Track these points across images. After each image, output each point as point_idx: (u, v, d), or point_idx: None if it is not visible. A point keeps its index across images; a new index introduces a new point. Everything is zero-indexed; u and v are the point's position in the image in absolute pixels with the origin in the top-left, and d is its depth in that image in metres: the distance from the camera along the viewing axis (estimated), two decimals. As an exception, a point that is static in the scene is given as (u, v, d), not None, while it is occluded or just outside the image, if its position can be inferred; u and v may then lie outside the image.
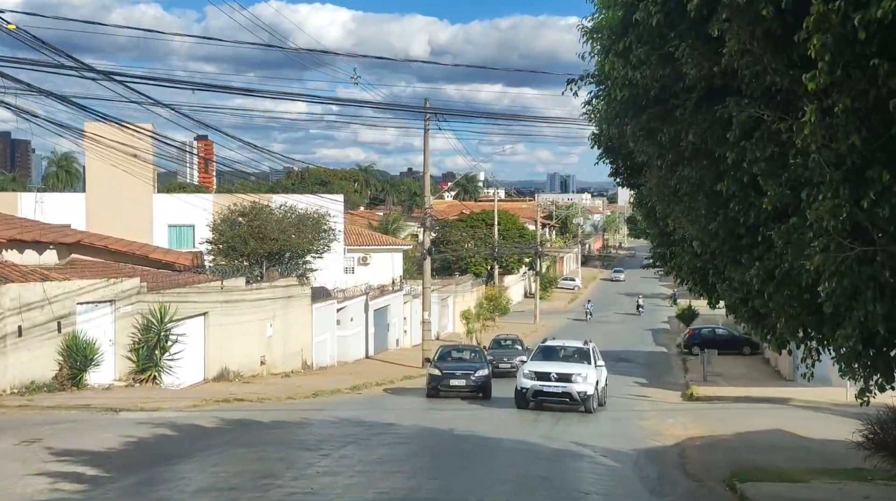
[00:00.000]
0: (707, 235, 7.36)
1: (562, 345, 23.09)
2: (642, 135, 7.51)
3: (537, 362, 21.78)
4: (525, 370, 21.27)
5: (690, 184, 7.26)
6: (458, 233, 71.91)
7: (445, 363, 25.10)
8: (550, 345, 23.39)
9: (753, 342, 46.39)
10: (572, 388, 20.17)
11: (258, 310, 28.84)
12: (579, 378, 20.42)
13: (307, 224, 32.28)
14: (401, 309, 46.04)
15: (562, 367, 20.93)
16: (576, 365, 21.15)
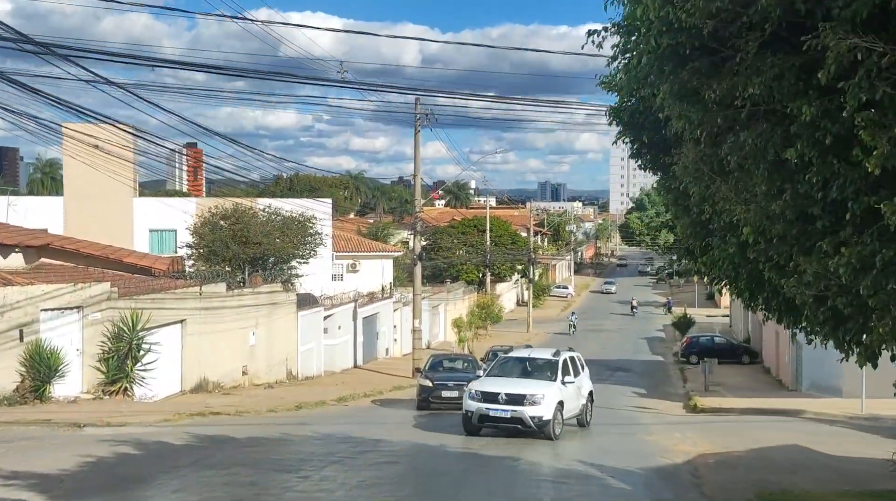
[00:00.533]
0: (767, 218, 6.01)
1: (525, 357, 19.03)
2: (683, 96, 6.19)
3: (489, 379, 18.14)
4: (472, 389, 17.42)
5: (746, 153, 5.90)
6: (450, 240, 70.60)
7: (437, 373, 23.75)
8: (511, 357, 19.54)
9: (752, 350, 45.29)
10: (524, 413, 16.48)
11: (240, 318, 27.43)
12: (534, 399, 16.62)
13: (292, 227, 30.88)
14: (390, 316, 44.68)
15: (514, 386, 17.17)
16: (532, 384, 17.29)
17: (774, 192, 5.84)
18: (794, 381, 33.89)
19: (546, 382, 17.38)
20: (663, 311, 76.13)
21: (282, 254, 30.66)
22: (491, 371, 19.07)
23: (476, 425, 17.11)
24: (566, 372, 18.02)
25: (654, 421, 21.31)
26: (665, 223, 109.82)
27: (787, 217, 5.84)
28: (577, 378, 18.52)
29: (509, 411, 16.64)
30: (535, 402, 16.61)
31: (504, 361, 19.39)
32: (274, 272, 30.74)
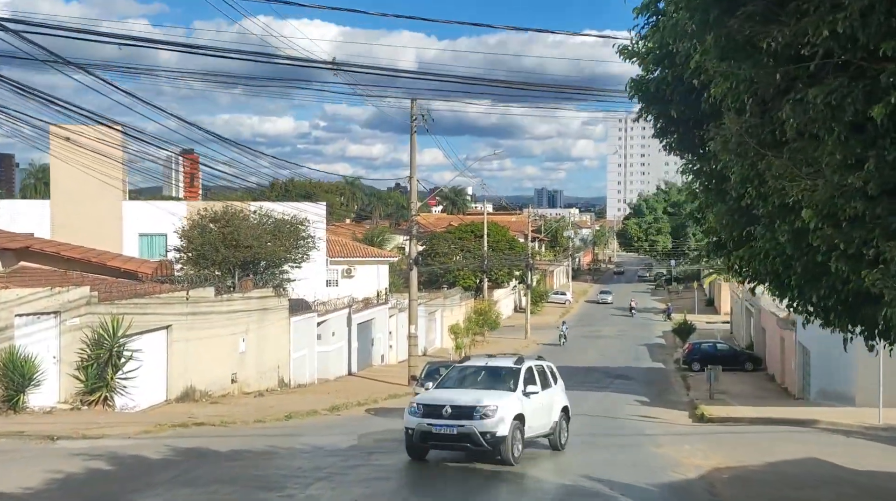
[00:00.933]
0: (839, 195, 4.98)
1: (481, 365, 16.30)
2: (729, 52, 5.21)
3: (437, 390, 15.50)
4: (413, 402, 14.78)
5: (813, 116, 4.90)
6: (447, 245, 69.67)
7: (433, 381, 22.74)
8: (465, 366, 16.58)
9: (755, 357, 44.36)
10: (473, 428, 13.47)
11: (229, 323, 26.44)
12: (486, 412, 13.61)
13: (284, 230, 29.90)
14: (386, 322, 43.68)
15: (463, 396, 14.46)
16: (486, 394, 14.42)
17: (851, 162, 4.85)
18: (800, 389, 32.95)
19: (503, 392, 14.54)
20: (663, 318, 75.23)
21: (273, 258, 29.68)
22: (441, 381, 16.11)
23: (418, 445, 14.16)
24: (530, 381, 15.24)
25: (660, 432, 20.34)
26: (661, 229, 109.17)
27: (869, 192, 4.84)
28: (545, 390, 15.72)
29: (455, 427, 13.60)
30: (487, 415, 13.60)
31: (457, 370, 16.38)
32: (265, 276, 29.75)
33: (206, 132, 20.92)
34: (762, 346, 45.10)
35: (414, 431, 14.02)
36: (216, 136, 22.77)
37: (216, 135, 20.86)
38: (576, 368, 45.65)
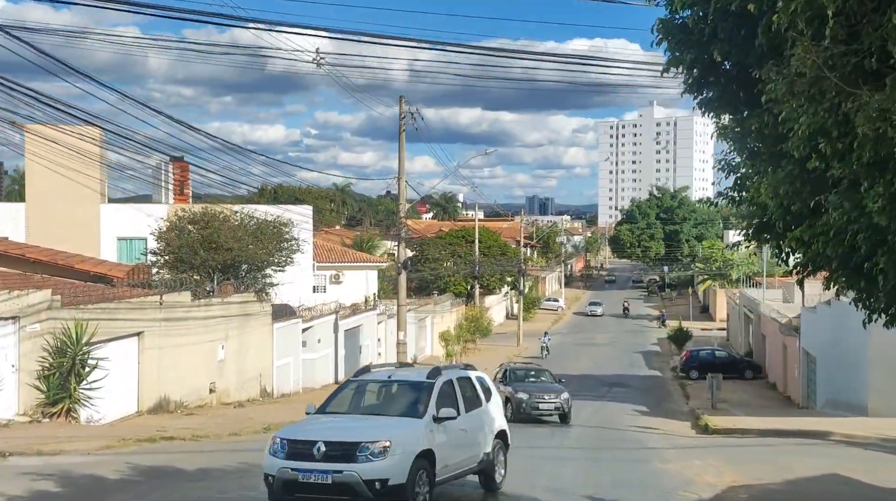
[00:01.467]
0: None
1: (383, 381, 11.95)
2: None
3: (312, 418, 11.37)
4: (276, 438, 10.56)
5: None
6: (437, 251, 68.33)
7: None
8: (363, 380, 12.13)
9: (755, 364, 43.20)
10: (355, 474, 9.77)
11: (207, 330, 25.03)
12: (376, 450, 9.90)
13: (267, 232, 28.52)
14: (374, 329, 42.31)
15: (346, 427, 10.65)
16: (378, 424, 10.68)
17: None
18: (805, 398, 31.77)
19: (404, 420, 10.63)
20: (657, 324, 74.05)
21: (255, 261, 28.28)
22: (325, 404, 11.71)
23: (280, 496, 10.12)
24: (447, 402, 11.05)
25: (665, 445, 19.03)
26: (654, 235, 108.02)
27: None
28: (472, 411, 11.64)
29: (330, 473, 9.72)
30: (376, 455, 9.78)
31: (349, 388, 12.04)
32: (247, 280, 28.35)
33: (190, 128, 19.70)
34: (762, 353, 43.93)
35: (275, 480, 10.00)
36: (204, 134, 21.42)
37: (205, 133, 19.66)
38: (570, 376, 44.20)
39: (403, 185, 33.38)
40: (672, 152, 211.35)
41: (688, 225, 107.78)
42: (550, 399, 24.40)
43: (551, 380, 26.33)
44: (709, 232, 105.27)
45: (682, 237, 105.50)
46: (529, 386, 25.22)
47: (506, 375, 26.10)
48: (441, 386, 11.23)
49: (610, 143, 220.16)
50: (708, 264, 79.98)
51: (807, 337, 31.62)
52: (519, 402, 24.18)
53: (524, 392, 24.55)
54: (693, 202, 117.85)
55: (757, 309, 44.63)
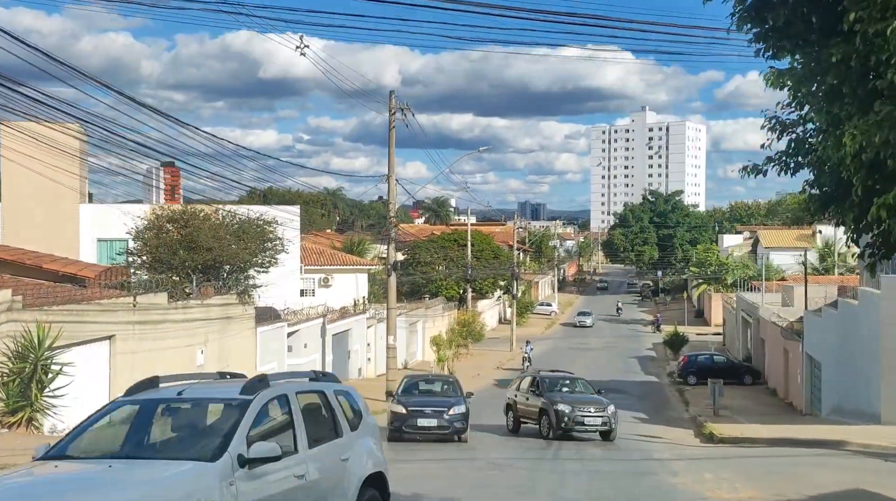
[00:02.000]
0: None
1: (170, 399, 7.46)
2: None
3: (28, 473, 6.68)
4: None
5: None
6: (429, 254, 67.14)
7: (412, 397, 20.20)
8: (141, 400, 7.37)
9: (754, 370, 42.12)
10: None
11: (186, 334, 23.72)
12: None
13: (250, 232, 27.24)
14: (364, 333, 41.04)
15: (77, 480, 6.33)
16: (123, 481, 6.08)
17: None
18: (808, 405, 30.65)
19: (182, 468, 6.30)
20: (651, 329, 73.05)
21: (237, 262, 27.00)
22: (64, 443, 7.26)
23: None
24: (271, 431, 7.12)
25: (671, 456, 17.83)
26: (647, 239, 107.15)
27: None
28: (320, 447, 7.48)
29: None
30: None
31: (117, 412, 7.55)
32: (229, 282, 27.07)
33: (179, 122, 18.53)
34: (761, 358, 42.85)
35: None
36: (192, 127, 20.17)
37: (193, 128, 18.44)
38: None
39: (394, 185, 32.19)
40: (664, 157, 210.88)
41: (681, 229, 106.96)
42: (597, 412, 20.62)
43: (590, 390, 22.72)
44: (702, 236, 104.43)
45: (675, 242, 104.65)
46: (568, 397, 21.47)
47: (537, 384, 22.22)
48: (262, 406, 7.02)
49: (602, 149, 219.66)
50: (703, 268, 79.04)
51: (810, 341, 30.52)
52: (560, 416, 20.43)
53: (565, 403, 20.74)
54: (686, 206, 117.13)
55: (756, 312, 43.55)
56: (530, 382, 22.81)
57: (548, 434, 20.39)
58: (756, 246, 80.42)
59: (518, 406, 22.68)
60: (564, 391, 22.12)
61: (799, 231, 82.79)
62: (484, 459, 15.89)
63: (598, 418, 20.53)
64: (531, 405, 21.70)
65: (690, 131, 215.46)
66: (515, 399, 22.99)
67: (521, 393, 22.73)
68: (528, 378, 23.62)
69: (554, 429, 20.34)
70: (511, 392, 23.65)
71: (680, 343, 55.60)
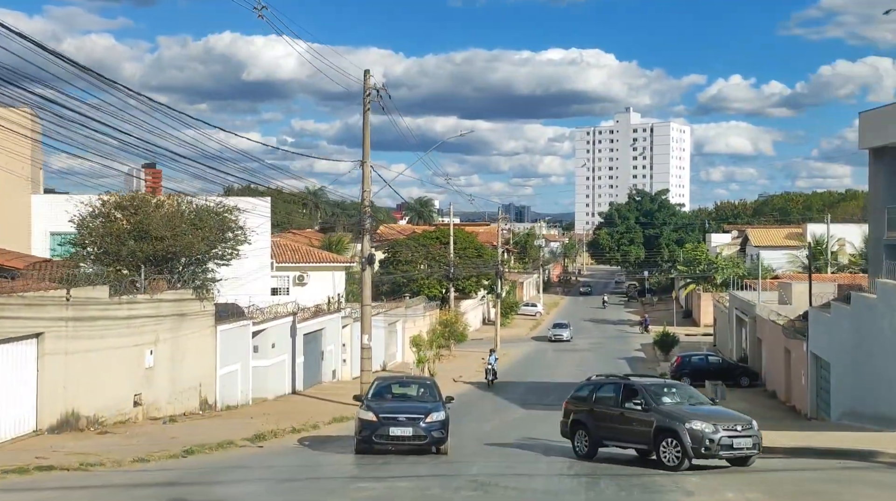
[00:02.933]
0: None
1: None
2: None
3: None
4: None
5: None
6: (410, 253, 64.77)
7: (384, 403, 17.70)
8: None
9: (751, 371, 40.01)
10: None
11: (131, 332, 21.22)
12: None
13: (208, 221, 24.70)
14: (339, 333, 38.55)
15: None
16: None
17: None
18: (814, 408, 28.48)
19: None
20: (639, 330, 70.99)
21: (193, 253, 24.47)
22: None
23: None
24: None
25: (682, 470, 15.50)
26: (633, 239, 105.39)
27: None
28: None
29: None
30: None
31: None
32: (185, 275, 24.54)
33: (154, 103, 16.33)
34: (758, 359, 40.77)
35: None
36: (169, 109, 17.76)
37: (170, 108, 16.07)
38: (553, 384, 40.89)
39: (368, 170, 29.78)
40: (649, 158, 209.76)
41: (668, 229, 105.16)
42: (744, 431, 15.08)
43: (704, 399, 17.18)
44: (689, 236, 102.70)
45: (662, 241, 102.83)
46: (700, 412, 15.53)
47: (631, 394, 16.24)
48: None
49: (587, 150, 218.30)
50: (691, 267, 77.12)
51: (816, 339, 28.37)
52: (698, 438, 14.55)
53: (701, 420, 14.84)
54: (673, 205, 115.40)
55: (752, 311, 41.46)
56: (618, 391, 16.57)
57: (678, 463, 14.61)
58: (745, 244, 78.66)
59: (601, 424, 16.54)
60: (677, 402, 16.02)
61: (789, 229, 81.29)
62: (465, 476, 13.50)
63: (748, 439, 14.97)
64: (634, 421, 15.69)
65: (675, 132, 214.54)
66: (592, 414, 16.84)
67: (604, 405, 16.70)
68: (609, 386, 17.20)
69: (689, 456, 14.53)
70: (576, 404, 17.50)
71: (670, 343, 53.58)
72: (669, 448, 14.85)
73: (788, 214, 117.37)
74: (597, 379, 18.20)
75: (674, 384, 18.09)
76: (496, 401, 32.97)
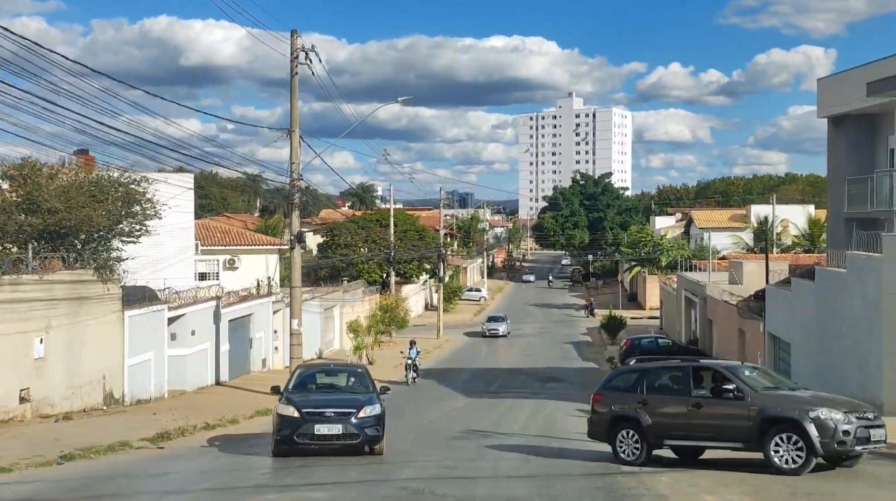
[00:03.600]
0: None
1: None
2: None
3: None
4: None
5: None
6: (350, 236, 62.13)
7: (307, 395, 15.24)
8: None
9: (702, 353, 38.64)
10: None
11: (16, 317, 18.41)
12: None
13: (109, 192, 21.85)
14: (270, 319, 35.91)
15: None
16: None
17: None
18: (772, 390, 27.05)
19: None
20: (585, 314, 69.77)
21: (94, 229, 21.65)
22: None
23: None
24: None
25: (649, 467, 13.56)
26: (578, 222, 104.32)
27: None
28: None
29: None
30: None
31: None
32: (85, 254, 21.67)
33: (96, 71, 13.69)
34: (709, 341, 39.50)
35: None
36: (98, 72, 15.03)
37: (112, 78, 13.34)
38: (498, 370, 39.05)
39: (297, 140, 27.20)
40: (591, 144, 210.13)
41: (612, 212, 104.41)
42: (876, 420, 12.20)
43: (790, 382, 15.23)
44: (633, 219, 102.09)
45: (606, 224, 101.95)
46: (819, 398, 12.66)
47: (719, 376, 12.89)
48: None
49: (530, 135, 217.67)
50: (636, 250, 76.09)
51: (774, 318, 26.95)
52: (829, 429, 11.42)
53: (829, 407, 11.78)
54: (617, 189, 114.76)
55: (702, 291, 40.16)
56: (687, 376, 13.09)
57: (800, 464, 11.45)
58: (689, 226, 78.07)
59: (663, 419, 12.96)
60: (771, 386, 12.95)
61: (732, 211, 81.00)
62: (395, 481, 11.27)
63: (882, 429, 12.08)
64: (720, 413, 12.40)
65: (617, 118, 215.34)
66: (646, 406, 13.18)
67: (664, 395, 13.28)
68: (669, 370, 13.93)
69: (816, 453, 11.46)
70: (615, 397, 13.82)
71: (617, 326, 52.29)
72: (786, 446, 11.48)
73: (730, 198, 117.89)
74: (641, 363, 15.12)
75: (749, 364, 14.94)
76: (437, 390, 30.84)
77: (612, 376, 14.99)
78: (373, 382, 16.03)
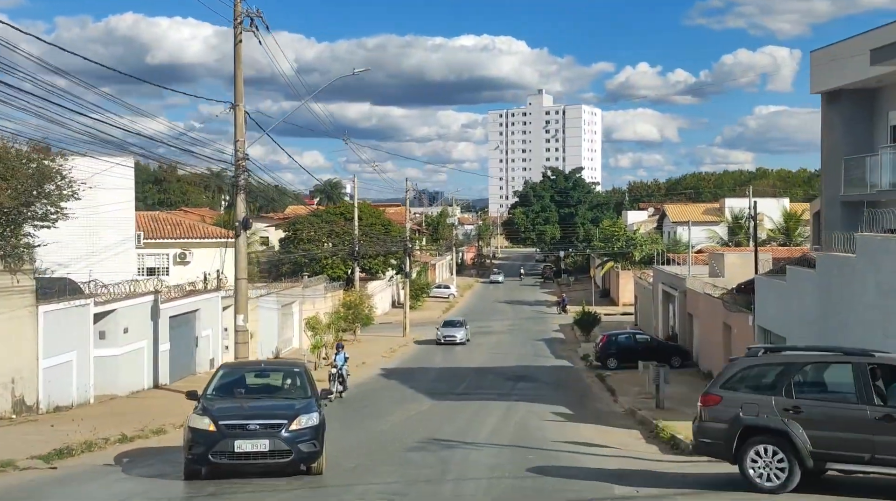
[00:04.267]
0: None
1: None
2: None
3: None
4: None
5: None
6: (312, 230, 59.23)
7: (229, 403, 12.55)
8: None
9: (682, 350, 36.57)
10: None
11: None
12: None
13: (18, 170, 18.96)
14: (219, 315, 33.06)
15: None
16: None
17: None
18: (763, 389, 24.88)
19: None
20: (557, 310, 67.58)
21: (7, 213, 18.78)
22: None
23: None
24: None
25: (638, 481, 11.16)
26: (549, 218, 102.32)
27: None
28: None
29: None
30: None
31: None
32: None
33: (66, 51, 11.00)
34: (688, 336, 37.37)
35: None
36: None
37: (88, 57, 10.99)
38: (467, 369, 36.54)
39: (242, 115, 24.49)
40: (561, 141, 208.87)
41: (583, 208, 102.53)
42: None
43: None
44: (604, 215, 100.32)
45: (577, 220, 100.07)
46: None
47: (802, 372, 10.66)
48: None
49: (500, 132, 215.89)
50: (608, 244, 74.11)
51: (765, 310, 24.77)
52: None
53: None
54: (588, 184, 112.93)
55: (682, 285, 38.04)
56: (860, 378, 10.00)
57: None
58: (662, 221, 76.33)
59: (826, 437, 9.96)
60: None
61: (706, 205, 79.44)
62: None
63: None
64: None
65: (586, 115, 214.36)
66: (797, 416, 10.15)
67: (825, 402, 10.28)
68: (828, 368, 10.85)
69: None
70: (742, 403, 10.50)
71: (591, 322, 50.06)
72: None
73: (701, 193, 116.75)
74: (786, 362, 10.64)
75: None
76: (401, 391, 28.25)
77: (733, 370, 10.96)
78: (312, 384, 13.36)
